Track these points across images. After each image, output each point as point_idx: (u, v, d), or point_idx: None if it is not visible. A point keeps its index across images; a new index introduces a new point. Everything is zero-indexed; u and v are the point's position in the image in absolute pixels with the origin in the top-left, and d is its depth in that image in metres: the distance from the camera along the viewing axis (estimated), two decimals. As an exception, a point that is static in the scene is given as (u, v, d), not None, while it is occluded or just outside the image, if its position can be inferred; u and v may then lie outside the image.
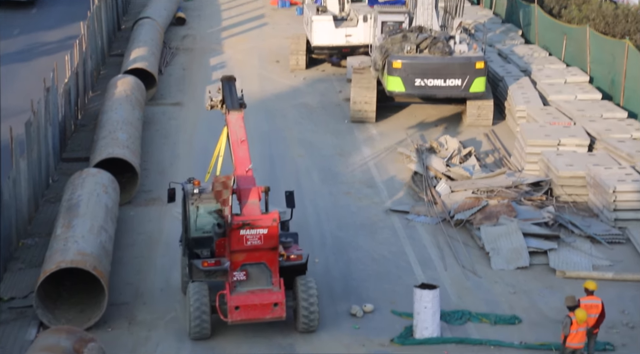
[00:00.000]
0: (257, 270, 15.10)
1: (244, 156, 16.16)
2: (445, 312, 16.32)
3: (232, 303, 14.89)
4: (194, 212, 15.87)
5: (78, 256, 16.01)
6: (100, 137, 22.73)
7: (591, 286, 14.99)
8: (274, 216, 14.98)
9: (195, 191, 15.84)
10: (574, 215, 20.34)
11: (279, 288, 15.06)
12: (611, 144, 22.41)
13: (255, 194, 15.41)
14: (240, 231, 14.80)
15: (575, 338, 14.37)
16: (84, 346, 13.49)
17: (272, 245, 15.02)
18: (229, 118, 16.78)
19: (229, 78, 17.88)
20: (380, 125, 26.98)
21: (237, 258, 15.02)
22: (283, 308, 15.01)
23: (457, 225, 20.09)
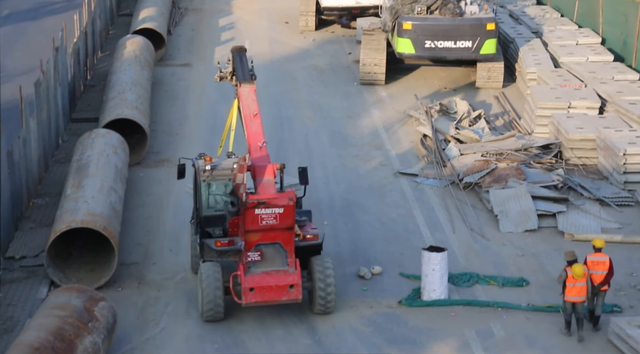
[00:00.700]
0: (272, 250, 14.54)
1: (257, 131, 15.60)
2: (453, 274, 16.34)
3: (246, 284, 14.33)
4: (206, 189, 15.29)
5: (88, 217, 16.06)
6: (110, 98, 22.68)
7: (599, 243, 15.01)
8: (290, 195, 14.36)
9: (207, 168, 15.19)
10: (584, 178, 20.27)
11: (295, 269, 14.51)
12: (622, 106, 22.24)
13: (271, 171, 14.86)
14: (255, 210, 14.19)
15: (571, 291, 14.47)
16: (94, 304, 13.62)
17: (288, 224, 14.42)
18: (241, 91, 16.24)
19: (240, 49, 17.29)
20: (389, 88, 26.82)
21: (252, 238, 14.45)
22: (299, 290, 14.45)
23: (466, 188, 20.04)
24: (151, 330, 14.82)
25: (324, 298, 14.72)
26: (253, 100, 16.02)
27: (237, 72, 16.73)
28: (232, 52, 17.22)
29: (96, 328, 13.19)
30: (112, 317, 13.85)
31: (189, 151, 22.32)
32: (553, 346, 14.42)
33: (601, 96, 23.12)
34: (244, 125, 15.91)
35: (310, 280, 14.77)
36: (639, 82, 24.07)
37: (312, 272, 14.72)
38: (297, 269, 14.51)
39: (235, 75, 16.82)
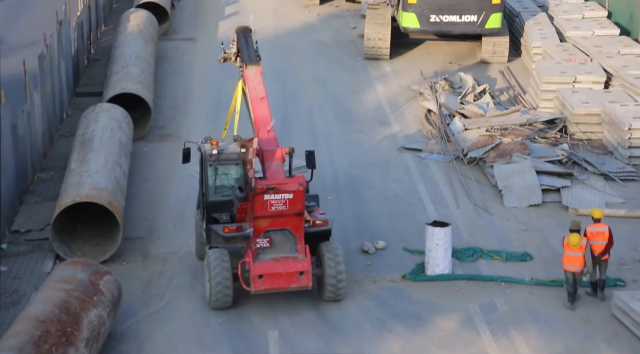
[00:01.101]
0: (281, 237, 14.17)
1: (265, 114, 15.16)
2: (457, 249, 16.35)
3: (255, 271, 13.99)
4: (212, 174, 14.83)
5: (93, 191, 16.07)
6: (113, 72, 22.60)
7: (597, 214, 15.06)
8: (300, 181, 13.98)
9: (214, 152, 14.72)
10: (588, 153, 20.22)
11: (305, 256, 14.16)
12: (628, 81, 22.13)
13: (280, 156, 14.51)
14: (265, 196, 13.79)
15: (566, 260, 14.59)
16: (99, 278, 13.67)
17: (297, 210, 14.05)
18: (247, 73, 15.78)
19: (245, 30, 16.79)
20: (394, 62, 26.69)
21: (261, 224, 14.06)
22: (309, 277, 14.11)
23: (470, 163, 20.00)
24: (156, 304, 14.88)
25: (334, 285, 14.39)
26: (259, 83, 15.58)
27: (242, 53, 16.26)
28: (236, 33, 16.79)
29: (101, 302, 13.24)
30: (117, 291, 13.90)
31: (194, 126, 22.34)
32: (556, 320, 14.46)
33: (607, 70, 23.00)
34: (250, 108, 15.49)
35: (320, 266, 14.43)
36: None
37: (322, 259, 14.37)
38: (307, 255, 14.18)
39: (240, 57, 16.40)
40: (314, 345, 13.67)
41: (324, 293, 14.55)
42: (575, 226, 14.75)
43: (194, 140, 16.60)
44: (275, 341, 13.75)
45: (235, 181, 14.76)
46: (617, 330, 14.13)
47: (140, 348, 13.66)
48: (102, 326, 13.03)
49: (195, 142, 15.77)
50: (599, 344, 13.79)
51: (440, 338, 13.90)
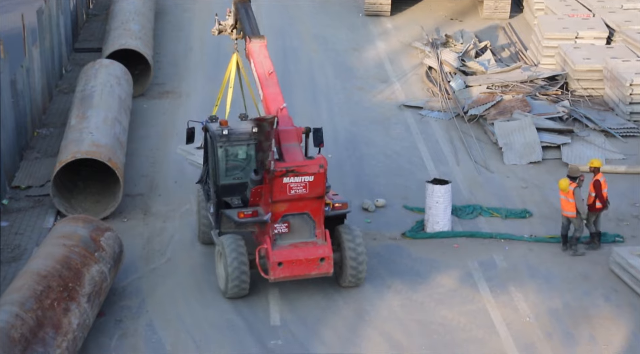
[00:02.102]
0: (299, 221, 13.37)
1: (275, 91, 14.17)
2: (457, 207, 16.34)
3: (274, 258, 13.18)
4: (223, 156, 13.83)
5: (93, 147, 15.99)
6: (113, 28, 22.38)
7: (597, 163, 15.08)
8: (320, 162, 13.12)
9: (224, 133, 13.67)
10: (589, 109, 20.11)
11: (325, 241, 13.40)
12: (630, 36, 21.93)
13: (296, 136, 13.61)
14: (284, 179, 12.94)
15: (562, 204, 14.86)
16: (100, 234, 13.67)
17: (318, 193, 13.20)
18: (251, 47, 14.77)
19: (244, 1, 15.73)
20: (395, 19, 26.42)
21: (279, 208, 13.20)
22: (330, 263, 13.36)
23: (471, 120, 19.89)
24: (157, 260, 14.90)
25: (355, 268, 13.63)
26: (266, 57, 14.66)
27: (244, 25, 15.32)
28: (235, 4, 15.81)
29: (103, 258, 13.26)
30: (118, 247, 13.91)
31: (194, 83, 22.19)
32: (555, 276, 14.50)
33: (609, 26, 22.79)
34: (258, 85, 14.50)
35: (338, 251, 13.68)
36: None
37: (342, 243, 13.65)
38: (328, 241, 13.44)
39: (240, 29, 15.53)
40: (314, 302, 13.72)
41: (344, 279, 13.77)
42: (571, 172, 14.83)
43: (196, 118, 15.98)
44: (275, 298, 13.78)
45: (247, 163, 13.87)
46: (616, 286, 14.17)
47: (141, 303, 13.71)
48: (104, 281, 13.06)
49: (199, 121, 15.02)
50: (597, 300, 13.84)
51: (440, 295, 13.95)
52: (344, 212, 13.85)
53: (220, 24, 16.06)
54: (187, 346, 12.74)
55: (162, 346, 12.72)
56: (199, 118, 16.16)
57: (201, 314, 13.43)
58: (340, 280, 13.90)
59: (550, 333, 13.06)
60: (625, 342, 12.87)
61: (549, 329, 13.14)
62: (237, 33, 15.85)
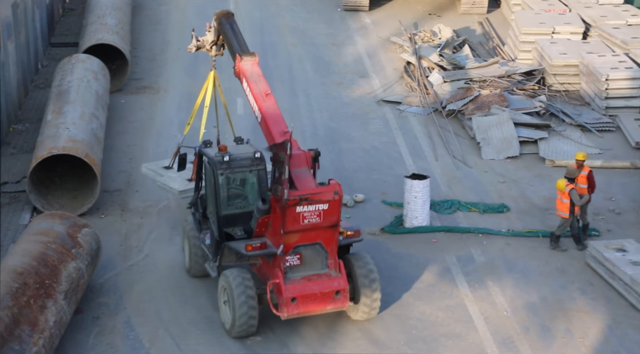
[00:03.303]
0: (310, 252, 12.38)
1: (275, 113, 13.00)
2: (435, 202, 16.40)
3: (287, 294, 12.17)
4: (225, 185, 12.71)
5: (69, 143, 15.88)
6: (89, 22, 22.22)
7: (582, 156, 15.21)
8: (335, 188, 12.10)
9: (225, 159, 12.62)
10: (566, 104, 20.26)
11: (339, 272, 12.43)
12: (606, 31, 22.11)
13: (305, 161, 12.49)
14: (297, 208, 11.91)
15: (557, 205, 14.95)
16: (78, 231, 13.58)
17: (332, 222, 12.21)
18: (242, 66, 13.57)
19: (227, 15, 14.49)
20: (373, 14, 26.45)
21: (290, 239, 12.19)
22: (346, 296, 12.40)
23: (449, 115, 19.96)
24: (135, 257, 14.84)
25: (369, 305, 12.67)
26: (260, 76, 13.52)
27: (231, 42, 14.06)
28: (218, 18, 14.47)
29: (80, 254, 13.17)
30: (95, 243, 13.83)
31: (172, 78, 22.07)
32: (532, 270, 14.59)
33: (585, 21, 22.95)
34: (254, 105, 13.31)
35: (350, 281, 12.63)
36: (623, 6, 23.90)
37: (354, 274, 12.62)
38: (342, 272, 12.46)
39: (221, 45, 14.40)
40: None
41: (356, 311, 12.77)
42: (570, 174, 14.92)
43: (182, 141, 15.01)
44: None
45: (249, 191, 12.86)
46: (592, 279, 14.30)
47: (119, 300, 13.65)
48: (81, 278, 12.98)
49: (192, 147, 14.25)
50: (574, 293, 13.96)
51: (419, 290, 14.00)
52: (357, 240, 12.86)
53: (199, 39, 14.95)
54: (165, 342, 12.70)
55: (140, 343, 12.67)
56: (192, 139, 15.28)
57: (179, 311, 13.39)
58: (352, 313, 12.86)
59: (528, 326, 13.16)
60: (601, 334, 13.00)
61: (526, 323, 13.23)
62: (216, 49, 14.84)
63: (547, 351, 12.62)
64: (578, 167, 15.20)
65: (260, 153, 12.71)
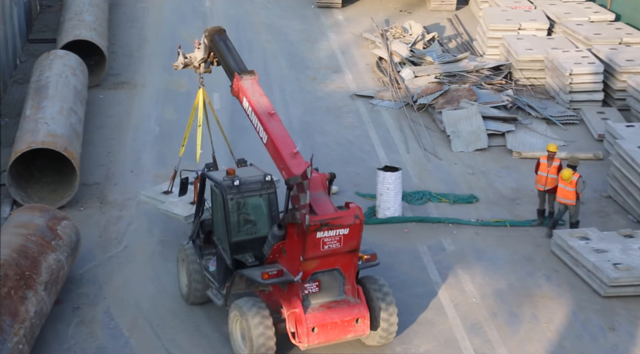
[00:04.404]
0: (328, 278, 11.63)
1: (283, 133, 12.12)
2: (407, 193, 16.48)
3: (308, 324, 11.42)
4: (235, 210, 11.83)
5: (48, 137, 15.75)
6: (67, 19, 22.02)
7: (553, 148, 15.38)
8: (355, 212, 11.37)
9: (236, 184, 11.75)
10: (532, 98, 20.43)
11: (358, 299, 11.74)
12: (569, 27, 22.32)
13: (320, 183, 11.70)
14: (317, 233, 11.12)
15: (560, 192, 15.06)
16: (57, 223, 13.49)
17: (352, 247, 11.50)
18: (242, 85, 12.71)
19: (219, 31, 13.57)
20: (346, 11, 26.46)
21: (309, 266, 11.38)
22: (367, 324, 11.69)
23: (420, 109, 20.05)
24: (114, 248, 14.77)
25: (386, 330, 11.96)
26: (261, 95, 12.63)
27: (227, 60, 13.18)
28: (210, 35, 13.55)
29: (60, 246, 13.09)
30: (75, 235, 13.75)
31: (149, 74, 21.95)
32: (500, 258, 14.73)
33: (550, 17, 23.15)
34: (258, 125, 12.41)
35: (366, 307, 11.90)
36: (586, 3, 24.14)
37: (369, 298, 11.90)
38: (362, 298, 11.76)
39: (211, 63, 13.53)
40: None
41: (374, 338, 12.02)
42: (573, 162, 15.11)
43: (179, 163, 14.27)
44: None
45: (260, 215, 12.01)
46: (557, 267, 14.47)
47: (99, 290, 13.59)
48: (61, 269, 12.90)
49: (194, 171, 13.69)
50: (539, 280, 14.12)
51: (391, 278, 14.05)
52: (374, 265, 12.07)
53: (186, 56, 13.98)
54: (145, 331, 12.67)
55: (119, 332, 12.63)
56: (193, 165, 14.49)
57: (158, 301, 13.36)
58: (367, 339, 12.09)
59: (496, 312, 13.29)
60: (565, 319, 13.17)
61: (494, 309, 13.37)
62: (205, 67, 13.96)
63: (514, 336, 12.76)
64: (549, 159, 15.34)
65: (271, 177, 11.92)
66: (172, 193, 14.53)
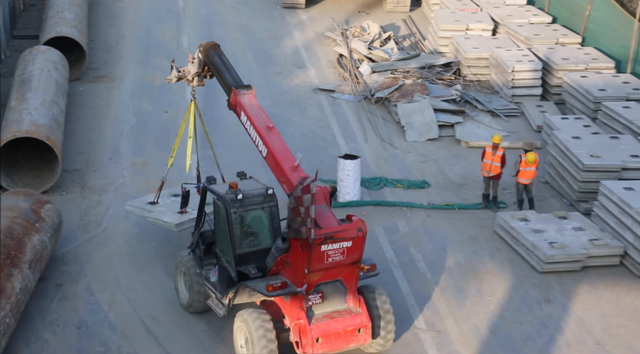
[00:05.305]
0: (331, 289, 11.20)
1: (282, 147, 11.56)
2: (365, 179, 16.57)
3: (312, 334, 10.94)
4: (238, 223, 11.28)
5: (32, 127, 15.54)
6: (49, 17, 21.68)
7: (497, 139, 15.59)
8: (358, 225, 10.91)
9: (239, 198, 11.21)
10: (478, 92, 20.62)
11: (359, 309, 11.29)
12: (512, 28, 22.56)
13: (323, 196, 11.25)
14: (322, 246, 10.67)
15: (523, 175, 15.29)
16: (41, 207, 13.35)
17: (354, 259, 11.03)
18: (240, 100, 12.12)
19: (214, 46, 12.93)
20: (309, 11, 26.41)
21: (313, 277, 10.93)
22: (369, 333, 11.24)
23: (377, 102, 20.13)
24: (94, 230, 14.64)
25: (384, 337, 11.54)
26: (259, 109, 12.06)
27: (224, 75, 12.60)
28: (205, 50, 12.92)
29: (43, 228, 12.95)
30: (57, 218, 13.61)
31: (126, 68, 21.71)
32: (449, 238, 14.91)
33: (494, 19, 23.37)
34: (257, 140, 11.83)
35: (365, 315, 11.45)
36: (526, 7, 24.43)
37: (369, 307, 11.44)
38: (363, 308, 11.32)
39: (220, 81, 12.75)
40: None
41: (372, 345, 11.57)
42: (529, 146, 15.43)
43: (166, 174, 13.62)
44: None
45: (262, 228, 11.48)
46: (499, 246, 14.68)
47: (80, 268, 13.48)
48: (44, 249, 12.78)
49: (195, 184, 13.25)
50: (484, 258, 14.32)
51: (349, 255, 14.14)
52: (374, 275, 11.58)
53: (180, 70, 13.30)
54: (123, 306, 12.62)
55: (99, 307, 12.56)
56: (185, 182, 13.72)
57: (136, 278, 13.30)
58: (366, 347, 11.62)
59: (445, 287, 13.46)
60: (506, 293, 13.39)
61: (443, 284, 13.53)
62: (199, 80, 13.33)
63: (461, 309, 12.95)
64: (493, 148, 15.52)
65: (272, 190, 11.42)
66: (158, 203, 13.75)
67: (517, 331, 12.43)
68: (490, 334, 12.34)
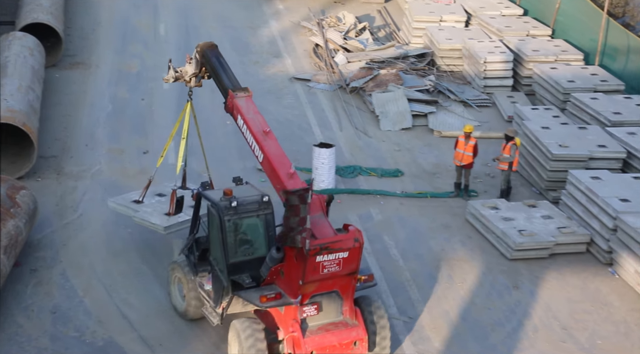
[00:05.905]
0: (327, 300, 10.68)
1: (279, 152, 11.07)
2: (340, 167, 16.53)
3: (306, 347, 10.45)
4: (232, 231, 10.71)
5: (8, 113, 15.24)
6: (25, 3, 21.29)
7: (469, 129, 15.61)
8: (355, 235, 10.37)
9: (233, 205, 10.65)
10: (451, 83, 20.64)
11: (356, 321, 10.77)
12: (484, 20, 22.61)
13: (320, 205, 10.70)
14: (317, 257, 10.14)
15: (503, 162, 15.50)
16: (16, 192, 13.12)
17: (351, 270, 10.49)
18: (237, 103, 11.58)
19: (212, 47, 12.40)
20: (286, 1, 26.23)
21: (308, 289, 10.41)
22: (365, 346, 10.73)
23: (352, 92, 20.07)
24: (70, 216, 14.44)
25: (378, 345, 11.05)
26: (256, 112, 11.50)
27: (221, 77, 12.08)
28: (202, 51, 12.39)
29: (18, 213, 12.73)
30: (32, 204, 13.38)
31: (103, 55, 21.40)
32: (421, 225, 14.93)
33: (467, 11, 23.39)
34: (254, 144, 11.36)
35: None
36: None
37: (365, 319, 10.94)
38: (360, 321, 10.79)
39: (217, 83, 12.18)
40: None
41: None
42: (513, 133, 15.47)
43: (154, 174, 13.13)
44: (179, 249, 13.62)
45: (256, 236, 10.92)
46: (470, 233, 14.74)
47: (55, 254, 13.29)
48: (20, 235, 12.56)
49: (190, 188, 12.90)
50: (455, 245, 14.37)
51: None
52: (371, 285, 11.12)
53: (177, 71, 12.79)
54: (98, 292, 12.47)
55: (74, 292, 12.40)
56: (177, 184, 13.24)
57: (111, 263, 13.15)
58: None
59: (417, 274, 13.48)
60: (477, 279, 13.45)
61: (415, 271, 13.56)
62: (196, 81, 12.77)
63: (433, 294, 12.98)
64: (466, 137, 15.56)
65: (268, 197, 10.94)
66: (143, 203, 13.21)
67: (487, 317, 12.49)
68: (461, 319, 12.40)
